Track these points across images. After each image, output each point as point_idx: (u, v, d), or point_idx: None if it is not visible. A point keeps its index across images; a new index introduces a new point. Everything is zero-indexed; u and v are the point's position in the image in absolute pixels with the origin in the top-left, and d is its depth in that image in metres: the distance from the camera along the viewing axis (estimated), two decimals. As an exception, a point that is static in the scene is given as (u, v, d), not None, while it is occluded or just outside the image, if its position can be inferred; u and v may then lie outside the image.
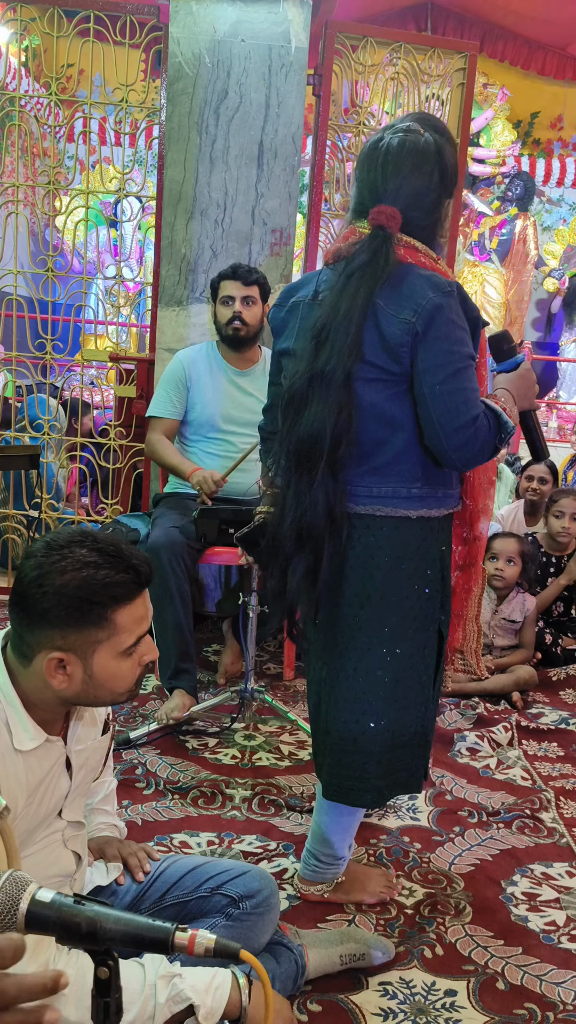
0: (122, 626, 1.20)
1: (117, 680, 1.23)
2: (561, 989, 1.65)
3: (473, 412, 1.49)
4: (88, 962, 0.80)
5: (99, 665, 1.20)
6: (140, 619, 1.23)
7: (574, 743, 2.80)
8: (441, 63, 3.47)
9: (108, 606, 1.18)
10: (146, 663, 1.26)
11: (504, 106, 8.65)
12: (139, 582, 1.22)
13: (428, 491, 1.58)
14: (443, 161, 1.59)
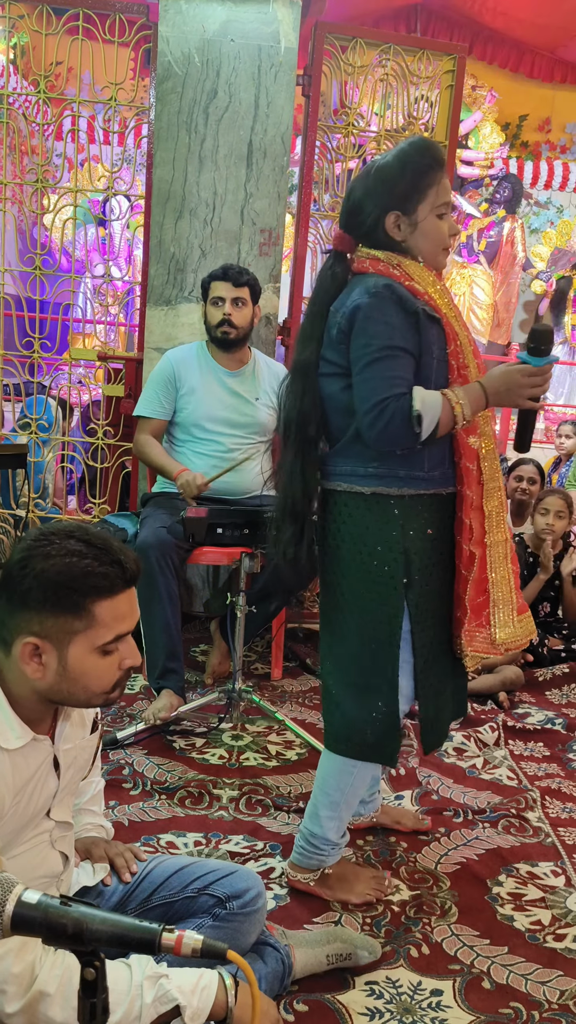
0: (100, 619, 1.19)
1: (92, 678, 1.21)
2: (546, 988, 1.66)
3: (379, 396, 1.61)
4: (75, 963, 0.80)
5: (74, 657, 1.19)
6: (121, 617, 1.21)
7: (560, 743, 2.82)
8: (430, 65, 3.48)
9: (87, 595, 1.17)
10: (126, 668, 1.24)
11: (492, 108, 8.67)
12: (124, 578, 1.21)
13: (385, 471, 1.70)
14: (375, 178, 1.72)
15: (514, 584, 1.82)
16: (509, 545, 1.82)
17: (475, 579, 1.76)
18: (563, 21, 8.25)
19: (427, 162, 1.70)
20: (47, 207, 3.69)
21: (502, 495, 1.80)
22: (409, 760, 2.54)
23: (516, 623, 1.80)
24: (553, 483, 5.94)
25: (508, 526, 1.86)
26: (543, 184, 9.29)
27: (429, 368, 1.67)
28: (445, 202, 1.72)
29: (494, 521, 1.77)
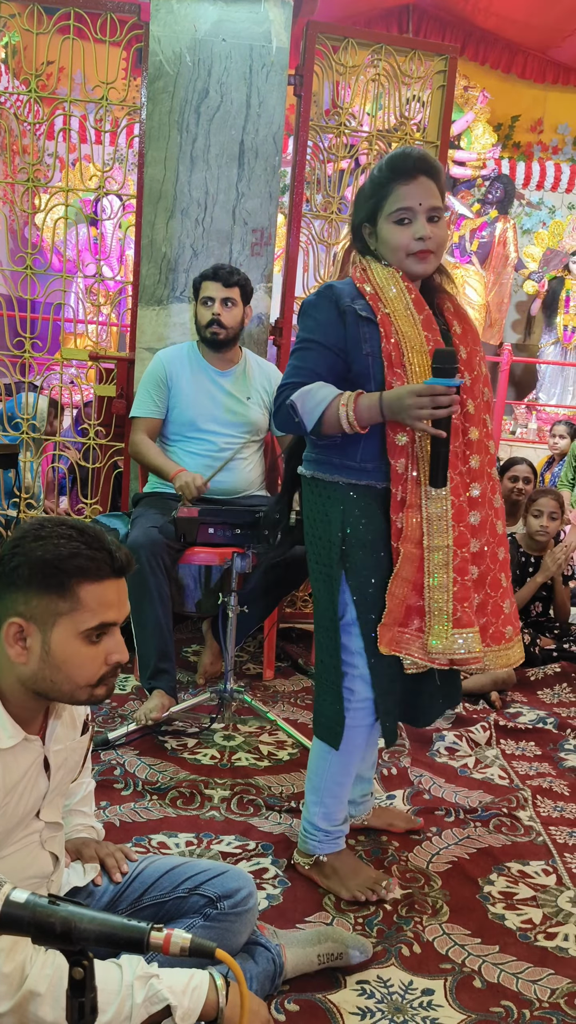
0: (85, 603, 1.19)
1: (75, 666, 1.20)
2: (537, 987, 1.66)
3: (282, 383, 1.78)
4: (65, 962, 0.79)
5: (57, 642, 1.19)
6: (107, 603, 1.21)
7: (551, 742, 2.82)
8: (422, 65, 3.48)
9: (73, 575, 1.18)
10: (113, 663, 1.23)
11: (484, 109, 8.69)
12: (112, 565, 1.21)
13: (323, 457, 1.82)
14: (356, 194, 1.86)
15: (468, 597, 1.77)
16: (463, 555, 1.76)
17: (409, 580, 1.75)
18: (555, 22, 8.28)
19: (384, 174, 1.78)
20: (38, 206, 3.68)
21: (457, 502, 1.76)
22: (401, 760, 2.54)
23: (450, 635, 1.75)
24: (546, 483, 5.96)
25: (491, 535, 1.84)
26: (535, 185, 9.32)
27: (362, 363, 1.75)
28: (400, 208, 1.75)
29: (435, 526, 1.74)
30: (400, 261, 1.79)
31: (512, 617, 1.91)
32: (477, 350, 1.85)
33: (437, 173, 1.79)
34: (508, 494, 4.20)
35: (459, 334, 1.83)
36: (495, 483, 1.88)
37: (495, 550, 1.85)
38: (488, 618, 1.84)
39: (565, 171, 9.30)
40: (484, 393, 1.85)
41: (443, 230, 1.80)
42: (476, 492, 1.81)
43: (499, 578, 1.86)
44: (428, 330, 1.75)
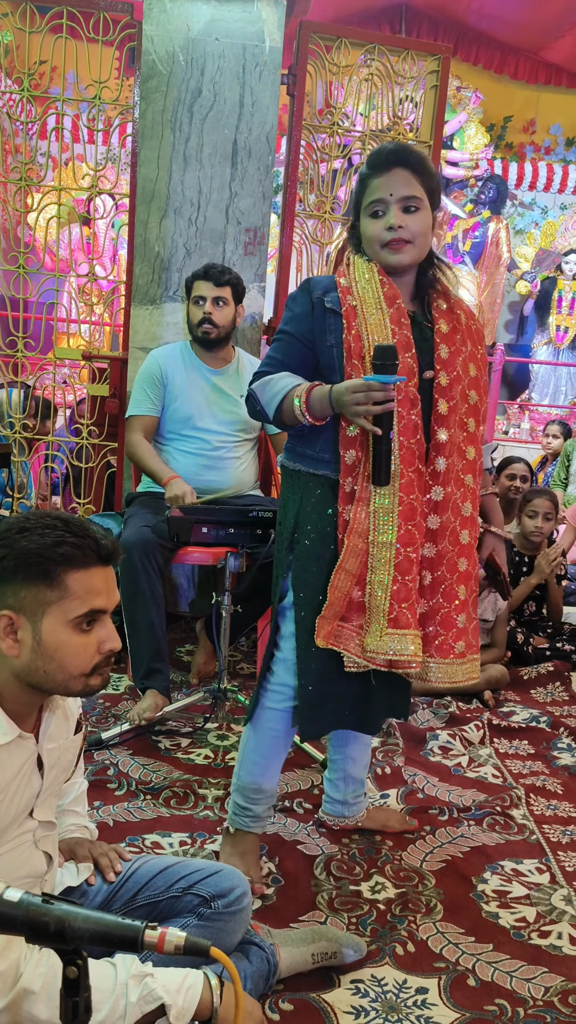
0: (73, 590, 1.19)
1: (67, 655, 1.20)
2: (531, 985, 1.66)
3: (254, 373, 1.82)
4: (59, 961, 0.79)
5: (48, 631, 1.19)
6: (95, 591, 1.21)
7: (544, 741, 2.83)
8: (415, 65, 3.49)
9: (59, 564, 1.18)
10: (106, 651, 1.24)
11: (477, 109, 8.71)
12: (98, 552, 1.21)
13: (290, 445, 1.85)
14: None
15: (409, 598, 1.72)
16: (408, 555, 1.71)
17: (353, 574, 1.73)
18: (547, 23, 8.30)
19: (364, 171, 1.80)
20: (31, 206, 3.67)
21: (407, 500, 1.71)
22: (395, 759, 2.55)
23: (384, 634, 1.70)
24: (539, 482, 5.97)
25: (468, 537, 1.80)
26: (527, 185, 9.35)
27: (328, 355, 1.75)
28: (372, 200, 1.75)
29: (381, 520, 1.70)
30: (376, 253, 1.78)
31: (467, 633, 1.82)
32: (462, 351, 1.80)
33: (416, 164, 1.76)
34: (505, 492, 4.21)
35: (443, 332, 1.79)
36: (469, 491, 1.82)
37: (455, 559, 1.79)
38: (436, 628, 1.78)
39: (557, 171, 9.33)
40: (470, 396, 1.80)
41: (421, 220, 1.76)
42: (439, 496, 1.76)
43: (455, 589, 1.79)
44: (396, 324, 1.73)
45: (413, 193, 1.74)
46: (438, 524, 1.77)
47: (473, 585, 1.85)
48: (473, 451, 1.82)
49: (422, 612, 1.78)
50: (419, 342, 1.77)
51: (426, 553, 1.77)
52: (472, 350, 1.85)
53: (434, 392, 1.76)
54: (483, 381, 1.87)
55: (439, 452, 1.76)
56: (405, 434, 1.71)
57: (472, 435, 1.82)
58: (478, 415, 1.84)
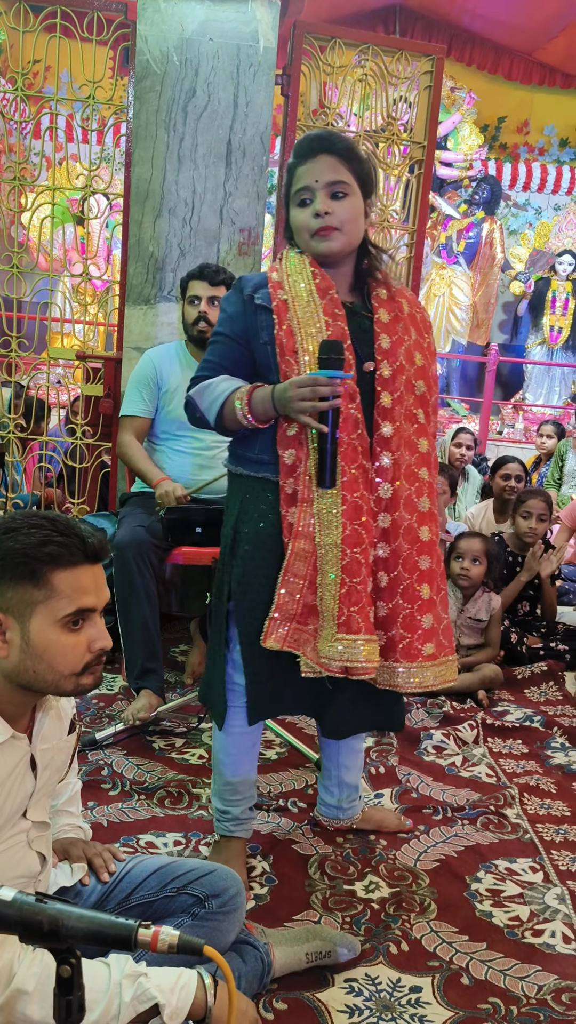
0: (60, 590, 1.19)
1: (57, 654, 1.20)
2: (524, 983, 1.66)
3: (191, 378, 1.78)
4: (53, 961, 0.79)
5: (36, 631, 1.18)
6: (82, 589, 1.20)
7: (538, 740, 2.83)
8: (409, 66, 3.49)
9: (45, 562, 1.18)
10: (97, 650, 1.23)
11: (471, 110, 8.72)
12: (85, 551, 1.20)
13: (232, 448, 1.80)
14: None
15: (359, 601, 1.66)
16: (354, 555, 1.65)
17: (303, 577, 1.67)
18: (540, 24, 8.32)
19: (291, 161, 1.75)
20: (25, 205, 3.67)
21: (351, 499, 1.65)
22: (389, 758, 2.55)
23: (333, 639, 1.65)
24: (533, 483, 5.99)
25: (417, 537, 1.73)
26: (521, 186, 9.37)
27: (263, 353, 1.71)
28: (299, 189, 1.70)
29: (325, 521, 1.65)
30: (306, 243, 1.73)
31: (437, 635, 1.75)
32: (404, 339, 1.73)
33: (342, 150, 1.70)
34: (500, 492, 4.22)
35: (384, 322, 1.73)
36: (425, 485, 1.75)
37: (414, 558, 1.72)
38: (399, 630, 1.72)
39: (551, 172, 9.35)
40: (416, 386, 1.74)
41: (350, 206, 1.69)
42: (388, 493, 1.71)
43: (417, 589, 1.72)
44: (330, 316, 1.67)
45: (340, 179, 1.68)
46: (390, 522, 1.71)
47: (440, 584, 1.78)
48: (426, 443, 1.76)
49: (383, 615, 1.72)
50: (358, 333, 1.71)
51: (380, 553, 1.71)
52: (417, 339, 1.77)
53: (376, 384, 1.70)
54: (431, 371, 1.79)
55: (384, 447, 1.70)
56: (345, 430, 1.65)
57: (423, 427, 1.75)
58: (428, 406, 1.77)
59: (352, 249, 1.74)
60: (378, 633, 1.72)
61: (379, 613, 1.72)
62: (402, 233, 3.64)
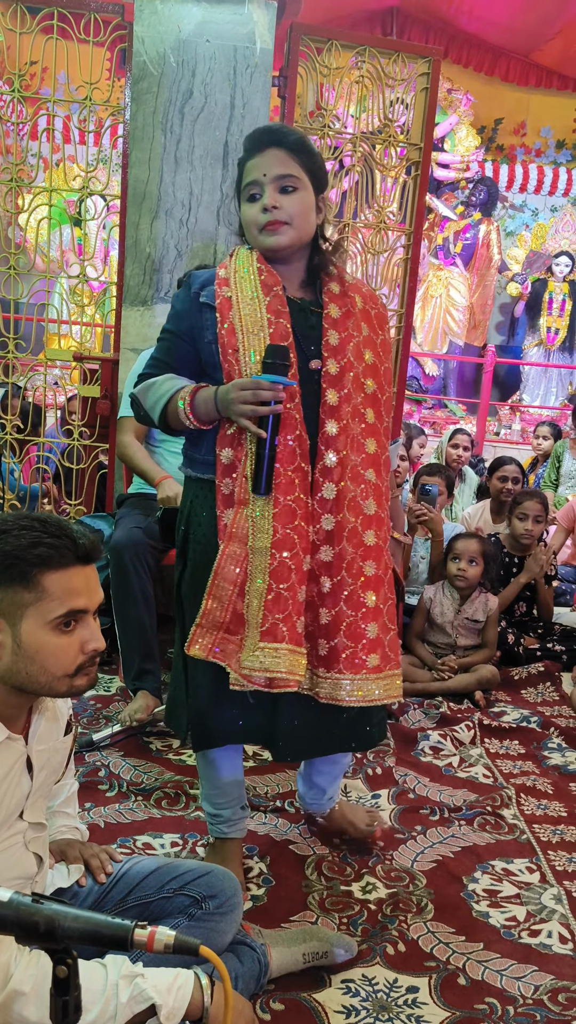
0: (50, 592, 1.18)
1: (49, 656, 1.19)
2: (521, 983, 1.67)
3: (137, 376, 1.76)
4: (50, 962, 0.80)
5: (27, 633, 1.18)
6: (74, 591, 1.20)
7: (535, 741, 2.84)
8: (405, 67, 3.49)
9: (34, 564, 1.17)
10: (90, 651, 1.23)
11: (468, 112, 8.73)
12: (76, 552, 1.20)
13: (186, 450, 1.77)
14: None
15: (285, 609, 1.59)
16: (283, 560, 1.59)
17: (233, 582, 1.62)
18: (537, 26, 8.33)
19: (240, 156, 1.70)
20: (22, 207, 3.66)
21: (284, 501, 1.60)
22: (386, 759, 2.55)
23: (257, 650, 1.58)
24: (530, 484, 6.00)
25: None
26: (518, 187, 9.38)
27: (208, 351, 1.68)
28: (247, 183, 1.65)
29: (258, 524, 1.60)
30: (255, 239, 1.67)
31: (383, 646, 1.67)
32: (354, 336, 1.67)
33: (292, 143, 1.64)
34: (497, 494, 4.22)
35: (333, 318, 1.68)
36: (372, 487, 1.68)
37: (359, 563, 1.64)
38: (342, 639, 1.63)
39: (548, 174, 9.37)
40: (366, 385, 1.68)
41: (299, 200, 1.64)
42: (332, 493, 1.64)
43: (361, 596, 1.64)
44: (273, 312, 1.63)
45: (289, 172, 1.63)
46: (333, 524, 1.64)
47: (388, 592, 1.71)
48: (374, 444, 1.69)
49: (325, 622, 1.65)
50: (304, 330, 1.66)
51: (323, 557, 1.65)
52: (370, 335, 1.72)
53: (322, 382, 1.64)
54: (383, 369, 1.74)
55: (329, 446, 1.64)
56: (284, 430, 1.60)
57: (372, 427, 1.70)
58: (379, 405, 1.72)
59: (303, 244, 1.69)
60: (320, 642, 1.66)
61: (321, 620, 1.65)
62: (399, 235, 3.64)
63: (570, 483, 5.41)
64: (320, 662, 1.66)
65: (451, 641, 3.33)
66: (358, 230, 3.67)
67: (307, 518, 1.63)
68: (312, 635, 1.66)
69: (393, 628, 1.72)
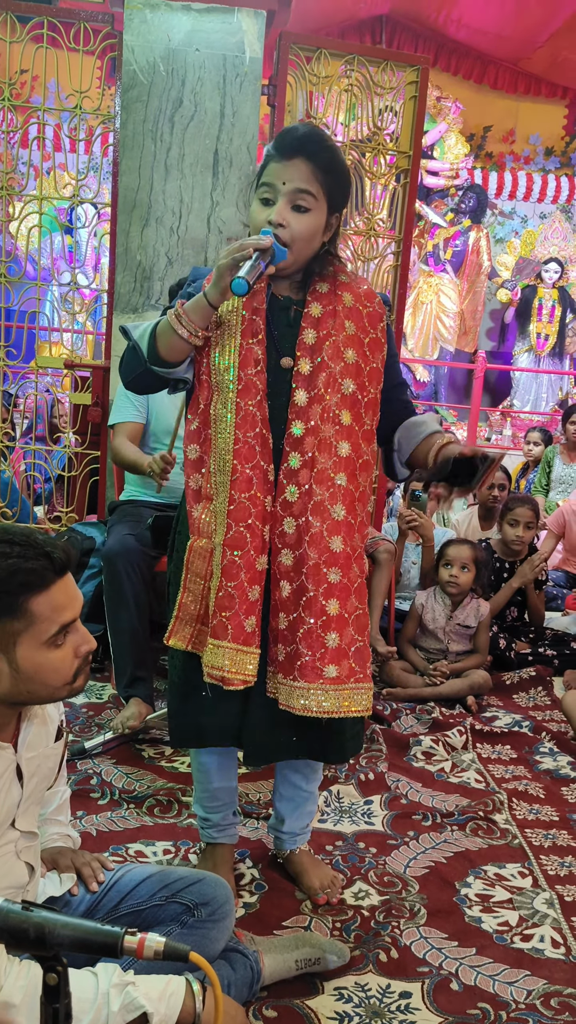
0: (40, 615, 1.18)
1: (48, 672, 1.20)
2: (513, 988, 1.67)
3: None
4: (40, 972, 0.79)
5: (24, 658, 1.18)
6: (60, 607, 1.19)
7: (527, 745, 2.84)
8: (394, 76, 3.52)
9: (20, 594, 1.16)
10: (83, 654, 1.23)
11: (457, 119, 8.78)
12: (53, 568, 1.19)
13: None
14: None
15: (232, 607, 1.57)
16: (233, 558, 1.57)
17: (202, 576, 1.63)
18: (525, 34, 8.39)
19: (269, 149, 1.63)
20: (12, 215, 3.67)
21: (239, 498, 1.58)
22: (378, 765, 2.55)
23: (213, 648, 1.58)
24: (521, 489, 6.01)
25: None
26: (507, 194, 9.43)
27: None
28: (264, 183, 1.59)
29: (218, 520, 1.59)
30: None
31: (345, 656, 1.60)
32: (334, 335, 1.63)
33: (323, 161, 1.57)
34: (484, 501, 4.23)
35: (313, 316, 1.64)
36: (342, 491, 1.62)
37: (322, 570, 1.58)
38: (298, 646, 1.58)
39: (537, 181, 9.42)
40: (343, 385, 1.63)
41: (307, 223, 1.58)
42: (294, 496, 1.60)
43: (323, 604, 1.58)
44: (248, 309, 1.61)
45: (308, 189, 1.56)
46: (295, 528, 1.60)
47: (356, 602, 1.63)
48: (348, 447, 1.62)
49: (283, 628, 1.61)
50: (282, 328, 1.64)
51: (283, 560, 1.60)
52: (355, 334, 1.66)
53: (293, 381, 1.61)
54: (369, 368, 1.68)
55: (294, 448, 1.60)
56: (243, 427, 1.57)
57: (348, 429, 1.63)
58: (358, 407, 1.66)
59: (299, 267, 1.64)
60: (280, 647, 1.63)
61: (280, 625, 1.61)
62: (389, 241, 3.66)
63: (560, 488, 5.43)
64: (280, 667, 1.63)
65: (443, 647, 3.33)
66: (348, 237, 3.69)
67: (263, 517, 1.60)
68: (275, 638, 1.65)
69: (362, 640, 1.64)
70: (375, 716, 2.94)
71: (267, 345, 1.62)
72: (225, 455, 1.59)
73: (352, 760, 2.54)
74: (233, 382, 1.59)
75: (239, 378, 1.59)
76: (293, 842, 1.97)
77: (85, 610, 2.93)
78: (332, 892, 1.92)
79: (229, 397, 1.59)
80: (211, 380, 1.63)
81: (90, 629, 1.28)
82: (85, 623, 1.28)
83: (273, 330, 1.64)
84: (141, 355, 1.60)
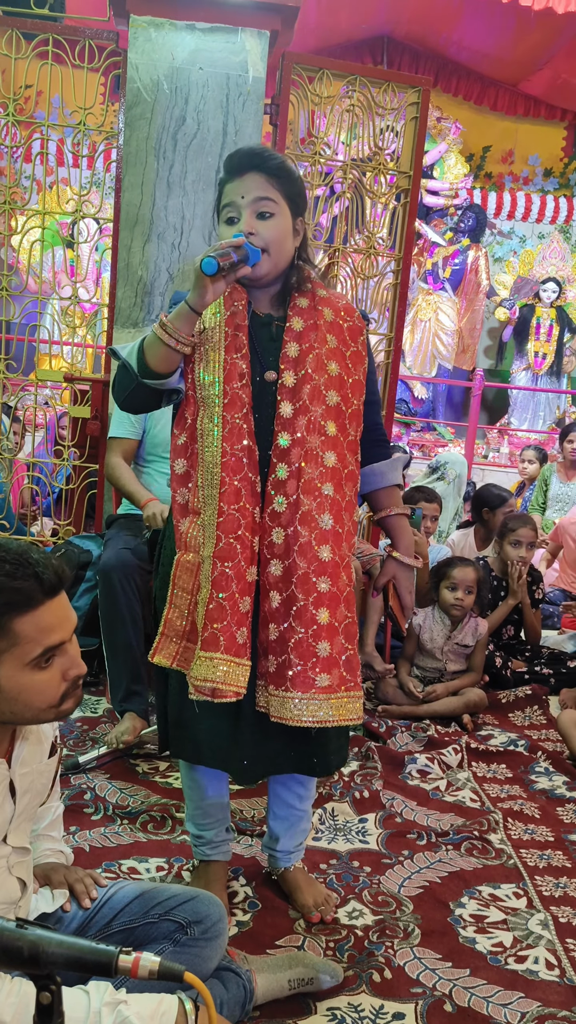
0: (24, 635, 1.15)
1: (32, 693, 1.18)
2: (507, 1010, 1.66)
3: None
4: (32, 991, 0.79)
5: (6, 678, 1.16)
6: (47, 629, 1.17)
7: (522, 764, 2.83)
8: (395, 96, 3.55)
9: (3, 614, 1.14)
10: (72, 678, 1.21)
11: (457, 140, 8.86)
12: (43, 590, 1.16)
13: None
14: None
15: (223, 619, 1.57)
16: (223, 570, 1.57)
17: (188, 590, 1.64)
18: (524, 56, 8.48)
19: (220, 176, 1.70)
20: (15, 228, 3.69)
21: (228, 511, 1.59)
22: (373, 783, 2.54)
23: (198, 659, 1.58)
24: (517, 507, 6.03)
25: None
26: (506, 214, 9.51)
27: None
28: (225, 205, 1.66)
29: (207, 532, 1.60)
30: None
31: (336, 665, 1.61)
32: (316, 347, 1.66)
33: (273, 168, 1.63)
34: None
35: (295, 330, 1.67)
36: (330, 501, 1.63)
37: (312, 579, 1.59)
38: (290, 656, 1.58)
39: (535, 201, 9.50)
40: (327, 397, 1.66)
41: (276, 226, 1.63)
42: (282, 506, 1.61)
43: (313, 613, 1.59)
44: (231, 326, 1.64)
45: (267, 196, 1.62)
46: (283, 538, 1.61)
47: (345, 611, 1.64)
48: (334, 457, 1.65)
49: (274, 638, 1.62)
50: (265, 343, 1.67)
51: (273, 571, 1.62)
52: (338, 347, 1.69)
53: (278, 394, 1.64)
54: (352, 380, 1.71)
55: (281, 459, 1.62)
56: (230, 440, 1.60)
57: (333, 439, 1.66)
58: (343, 418, 1.69)
59: (279, 271, 1.68)
60: (270, 658, 1.63)
61: (271, 636, 1.62)
62: (388, 260, 3.68)
63: (557, 507, 5.45)
64: (270, 679, 1.63)
65: (440, 666, 3.32)
66: (348, 255, 3.71)
67: (252, 529, 1.62)
68: (265, 650, 1.65)
69: (352, 648, 1.65)
70: (370, 733, 2.93)
71: (251, 359, 1.65)
72: (213, 468, 1.61)
73: (347, 778, 2.54)
74: (219, 396, 1.61)
75: (224, 392, 1.61)
76: (287, 860, 1.97)
77: (81, 623, 2.93)
78: (326, 910, 1.91)
79: (215, 411, 1.61)
80: (197, 395, 1.66)
81: (85, 642, 1.27)
82: (80, 636, 1.27)
83: (256, 345, 1.67)
84: (132, 371, 1.61)
